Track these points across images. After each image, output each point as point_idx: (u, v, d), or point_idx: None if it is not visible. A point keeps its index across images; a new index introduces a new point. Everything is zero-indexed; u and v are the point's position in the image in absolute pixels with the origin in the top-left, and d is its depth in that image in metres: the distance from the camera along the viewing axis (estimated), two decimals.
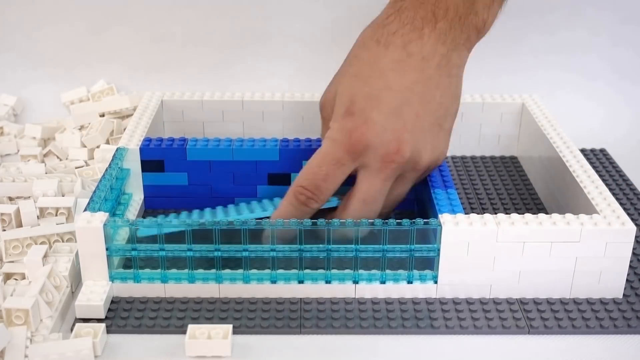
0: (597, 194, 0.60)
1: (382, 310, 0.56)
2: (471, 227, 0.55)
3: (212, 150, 0.66)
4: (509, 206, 0.70)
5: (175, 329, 0.54)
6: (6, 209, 0.63)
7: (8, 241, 0.60)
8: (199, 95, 0.75)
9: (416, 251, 0.56)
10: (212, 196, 0.68)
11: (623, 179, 0.75)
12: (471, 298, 0.57)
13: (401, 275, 0.57)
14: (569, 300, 0.57)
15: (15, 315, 0.52)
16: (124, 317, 0.55)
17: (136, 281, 0.57)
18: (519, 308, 0.56)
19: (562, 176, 0.65)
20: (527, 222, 0.55)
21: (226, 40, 0.87)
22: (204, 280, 0.57)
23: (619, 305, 0.57)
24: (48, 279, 0.56)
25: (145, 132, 0.68)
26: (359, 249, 0.56)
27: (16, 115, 0.85)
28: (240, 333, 0.54)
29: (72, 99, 0.85)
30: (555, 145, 0.67)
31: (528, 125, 0.75)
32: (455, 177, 0.74)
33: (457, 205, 0.59)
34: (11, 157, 0.78)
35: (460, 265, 0.56)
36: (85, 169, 0.72)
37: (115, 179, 0.63)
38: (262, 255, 0.56)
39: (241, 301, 0.56)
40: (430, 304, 0.56)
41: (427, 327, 0.54)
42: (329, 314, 0.55)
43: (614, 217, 0.56)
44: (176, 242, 0.56)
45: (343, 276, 0.57)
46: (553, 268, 0.56)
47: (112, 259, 0.56)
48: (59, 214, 0.64)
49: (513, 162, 0.77)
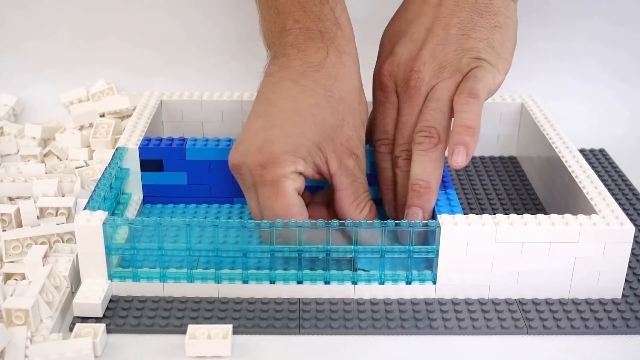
0: (596, 194, 0.60)
1: (381, 310, 0.56)
2: (470, 228, 0.55)
3: (211, 150, 0.66)
4: (508, 206, 0.70)
5: (173, 329, 0.54)
6: (6, 209, 0.64)
7: (8, 241, 0.60)
8: (198, 95, 0.75)
9: (415, 252, 0.56)
10: (211, 196, 0.68)
11: (622, 179, 0.75)
12: (470, 298, 0.57)
13: (400, 276, 0.57)
14: (568, 301, 0.57)
15: (15, 315, 0.52)
16: (122, 316, 0.55)
17: (135, 280, 0.57)
18: (518, 308, 0.56)
19: (561, 176, 0.65)
20: (525, 222, 0.55)
21: (226, 40, 0.87)
22: (202, 280, 0.57)
23: (618, 306, 0.57)
24: (48, 279, 0.56)
25: (145, 132, 0.68)
26: (358, 250, 0.56)
27: (16, 116, 0.85)
28: (238, 333, 0.54)
29: (72, 99, 0.85)
30: (554, 146, 0.68)
31: (527, 126, 0.75)
32: (454, 177, 0.74)
33: (456, 205, 0.59)
34: (11, 157, 0.78)
35: (459, 266, 0.56)
36: (85, 169, 0.73)
37: (115, 178, 0.63)
38: (262, 256, 0.56)
39: (240, 301, 0.57)
40: (429, 305, 0.56)
41: (426, 328, 0.54)
42: (328, 314, 0.55)
43: (613, 218, 0.56)
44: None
45: (342, 277, 0.57)
46: (552, 268, 0.56)
47: (111, 257, 0.56)
48: (59, 214, 0.64)
49: (512, 163, 0.78)
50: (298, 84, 0.57)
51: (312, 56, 0.58)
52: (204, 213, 0.67)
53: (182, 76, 0.87)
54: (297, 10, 0.59)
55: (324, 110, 0.57)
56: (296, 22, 0.59)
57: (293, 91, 0.57)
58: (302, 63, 0.58)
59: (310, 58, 0.58)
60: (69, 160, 0.77)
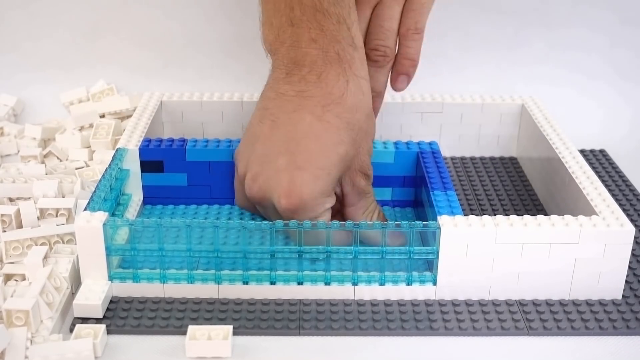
0: (596, 195, 0.60)
1: (381, 311, 0.56)
2: (470, 229, 0.55)
3: (212, 151, 0.66)
4: (508, 207, 0.70)
5: (174, 330, 0.54)
6: (6, 210, 0.63)
7: (8, 242, 0.60)
8: (198, 95, 0.75)
9: (415, 253, 0.56)
10: (211, 197, 0.68)
11: (622, 180, 0.75)
12: (470, 299, 0.57)
13: (400, 277, 0.57)
14: (568, 302, 0.57)
15: (16, 316, 0.52)
16: (122, 317, 0.55)
17: (135, 281, 0.57)
18: (518, 309, 0.56)
19: (561, 177, 0.65)
20: (525, 223, 0.55)
21: (226, 40, 0.87)
22: (203, 281, 0.57)
23: (618, 307, 0.57)
24: (48, 280, 0.56)
25: (145, 133, 0.68)
26: (359, 251, 0.56)
27: (16, 116, 0.85)
28: (239, 334, 0.54)
29: (72, 99, 0.85)
30: (554, 146, 0.68)
31: (527, 126, 0.75)
32: (455, 178, 0.74)
33: (456, 207, 0.59)
34: (11, 158, 0.78)
35: (459, 267, 0.56)
36: (85, 169, 0.72)
37: (115, 179, 0.63)
38: (263, 257, 0.56)
39: (240, 302, 0.57)
40: (429, 306, 0.56)
41: (426, 329, 0.54)
42: (328, 315, 0.55)
43: (613, 219, 0.56)
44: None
45: (342, 278, 0.57)
46: (552, 269, 0.56)
47: (111, 258, 0.56)
48: (59, 215, 0.64)
49: (512, 163, 0.78)
50: (321, 120, 0.58)
51: (334, 86, 0.58)
52: (204, 214, 0.67)
53: (182, 77, 0.87)
54: (314, 27, 0.58)
55: (347, 145, 0.58)
56: (313, 42, 0.58)
57: (316, 129, 0.57)
58: (323, 94, 0.58)
59: (331, 88, 0.58)
60: (69, 161, 0.77)
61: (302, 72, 0.58)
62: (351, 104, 0.58)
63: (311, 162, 0.57)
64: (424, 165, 0.65)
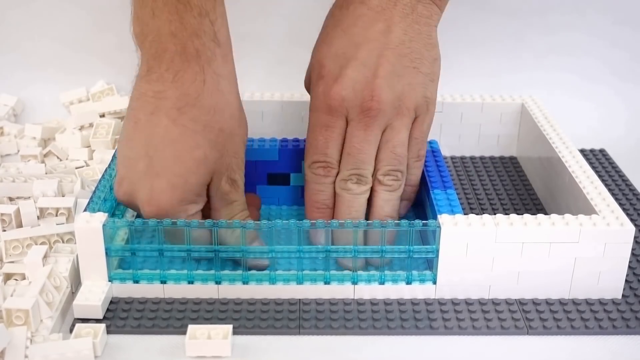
0: (596, 194, 0.60)
1: (381, 311, 0.56)
2: (470, 228, 0.55)
3: None
4: (508, 206, 0.70)
5: (174, 330, 0.54)
6: (6, 209, 0.64)
7: (8, 241, 0.60)
8: None
9: (415, 252, 0.56)
10: None
11: (622, 179, 0.75)
12: (470, 299, 0.57)
13: (400, 276, 0.57)
14: (568, 301, 0.57)
15: (16, 315, 0.52)
16: (122, 317, 0.55)
17: (135, 281, 0.57)
18: (518, 309, 0.56)
19: (561, 177, 0.65)
20: (525, 222, 0.55)
21: None
22: (202, 281, 0.57)
23: (618, 306, 0.57)
24: (48, 279, 0.56)
25: None
26: (358, 250, 0.56)
27: (16, 116, 0.85)
28: (239, 334, 0.54)
29: (72, 99, 0.85)
30: (554, 146, 0.68)
31: (527, 126, 0.75)
32: (455, 177, 0.74)
33: (456, 205, 0.59)
34: (11, 158, 0.78)
35: (459, 266, 0.56)
36: (85, 169, 0.73)
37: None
38: (262, 256, 0.56)
39: (240, 302, 0.57)
40: (429, 305, 0.56)
41: (426, 328, 0.55)
42: (328, 314, 0.55)
43: (613, 218, 0.56)
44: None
45: (342, 277, 0.57)
46: (552, 269, 0.56)
47: (111, 259, 0.56)
48: (59, 215, 0.64)
49: (512, 163, 0.78)
50: (177, 124, 0.56)
51: (189, 87, 0.56)
52: None
53: None
54: (174, 20, 0.55)
55: (204, 148, 0.56)
56: (172, 36, 0.55)
57: (172, 133, 0.56)
58: (179, 95, 0.55)
59: (187, 89, 0.56)
60: (69, 160, 0.77)
61: (161, 70, 0.56)
62: (208, 105, 0.56)
63: (167, 168, 0.56)
64: (424, 164, 0.65)
